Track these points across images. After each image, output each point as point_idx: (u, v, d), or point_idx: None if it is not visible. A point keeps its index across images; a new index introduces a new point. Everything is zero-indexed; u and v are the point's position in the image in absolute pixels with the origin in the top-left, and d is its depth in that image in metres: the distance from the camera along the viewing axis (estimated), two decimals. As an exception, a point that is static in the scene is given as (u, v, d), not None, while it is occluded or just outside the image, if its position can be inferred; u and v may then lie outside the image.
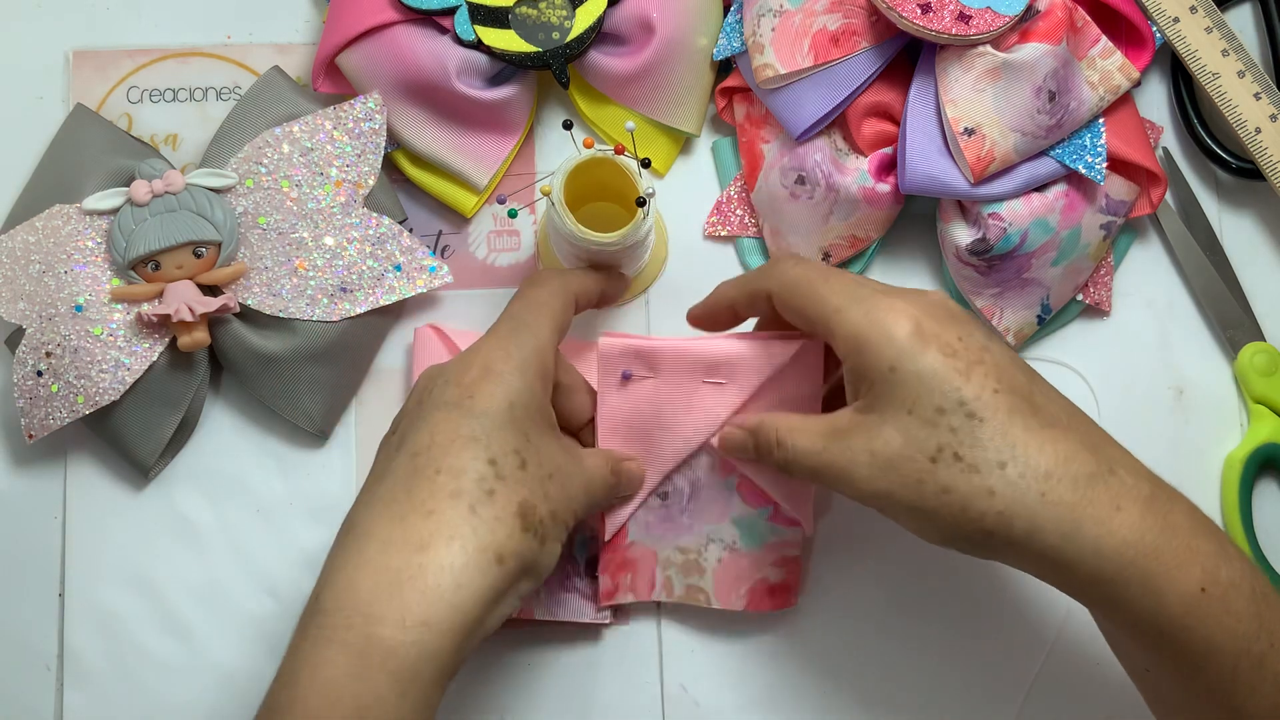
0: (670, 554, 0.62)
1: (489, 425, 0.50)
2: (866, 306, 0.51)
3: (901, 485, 0.49)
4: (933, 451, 0.49)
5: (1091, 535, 0.47)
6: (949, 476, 0.48)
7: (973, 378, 0.49)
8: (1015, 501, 0.48)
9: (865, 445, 0.50)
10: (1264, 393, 0.67)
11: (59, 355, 0.62)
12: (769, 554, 0.62)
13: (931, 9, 0.61)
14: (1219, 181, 0.70)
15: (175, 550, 0.65)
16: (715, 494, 0.62)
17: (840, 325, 0.51)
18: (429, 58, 0.64)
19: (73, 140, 0.65)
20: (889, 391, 0.50)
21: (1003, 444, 0.48)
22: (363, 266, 0.64)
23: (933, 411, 0.49)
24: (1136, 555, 0.47)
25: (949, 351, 0.49)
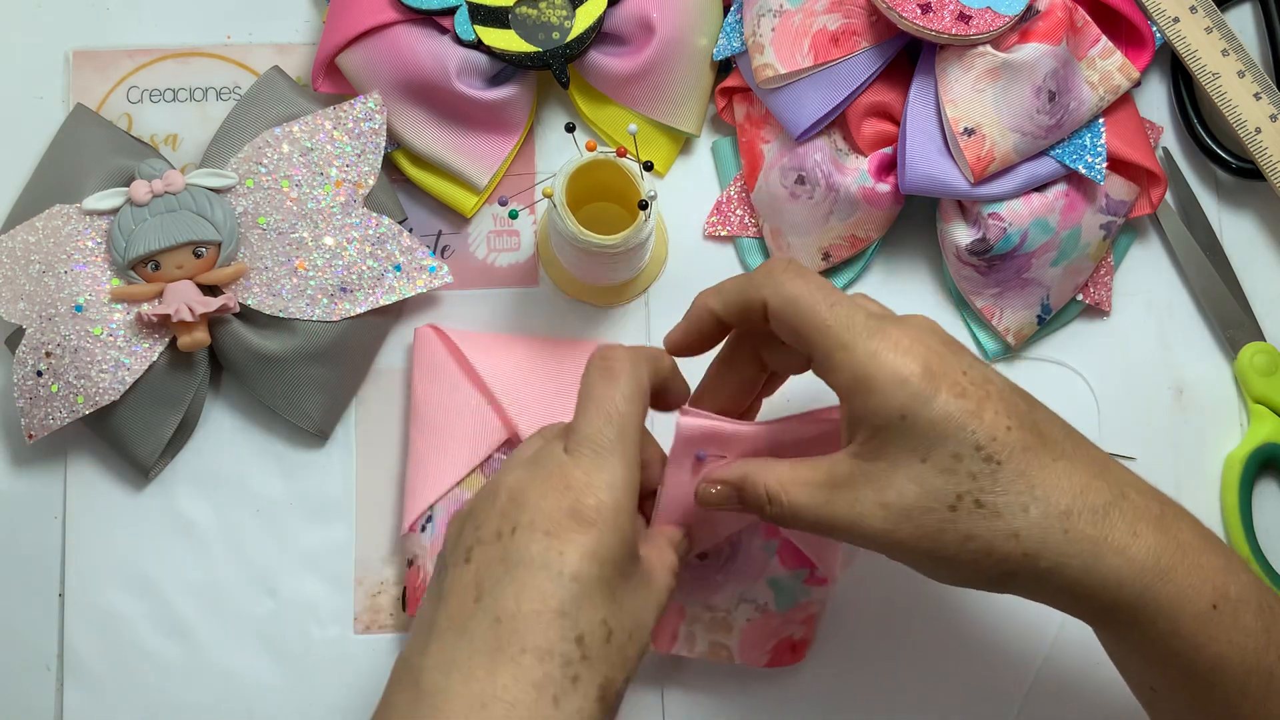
0: (697, 610, 0.61)
1: (579, 593, 0.46)
2: (872, 345, 0.47)
3: (921, 536, 0.47)
4: (952, 500, 0.47)
5: (1113, 565, 0.47)
6: (971, 524, 0.47)
7: (985, 417, 0.47)
8: (1040, 542, 0.47)
9: (876, 497, 0.48)
10: (1264, 393, 0.67)
11: (59, 355, 0.62)
12: (798, 613, 0.61)
13: (931, 9, 0.61)
14: (1219, 181, 0.70)
15: (175, 550, 0.65)
16: (754, 556, 0.60)
17: (844, 364, 0.48)
18: (429, 58, 0.64)
19: (73, 140, 0.65)
20: (899, 439, 0.47)
21: (1023, 486, 0.47)
22: (363, 266, 0.64)
23: (949, 459, 0.47)
24: (1153, 579, 0.47)
25: (958, 391, 0.47)
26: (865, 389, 0.47)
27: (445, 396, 0.64)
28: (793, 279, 0.50)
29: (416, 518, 0.63)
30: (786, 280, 0.50)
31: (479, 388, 0.64)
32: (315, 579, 0.65)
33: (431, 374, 0.65)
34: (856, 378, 0.47)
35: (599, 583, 0.46)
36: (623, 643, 0.47)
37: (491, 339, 0.66)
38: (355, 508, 0.66)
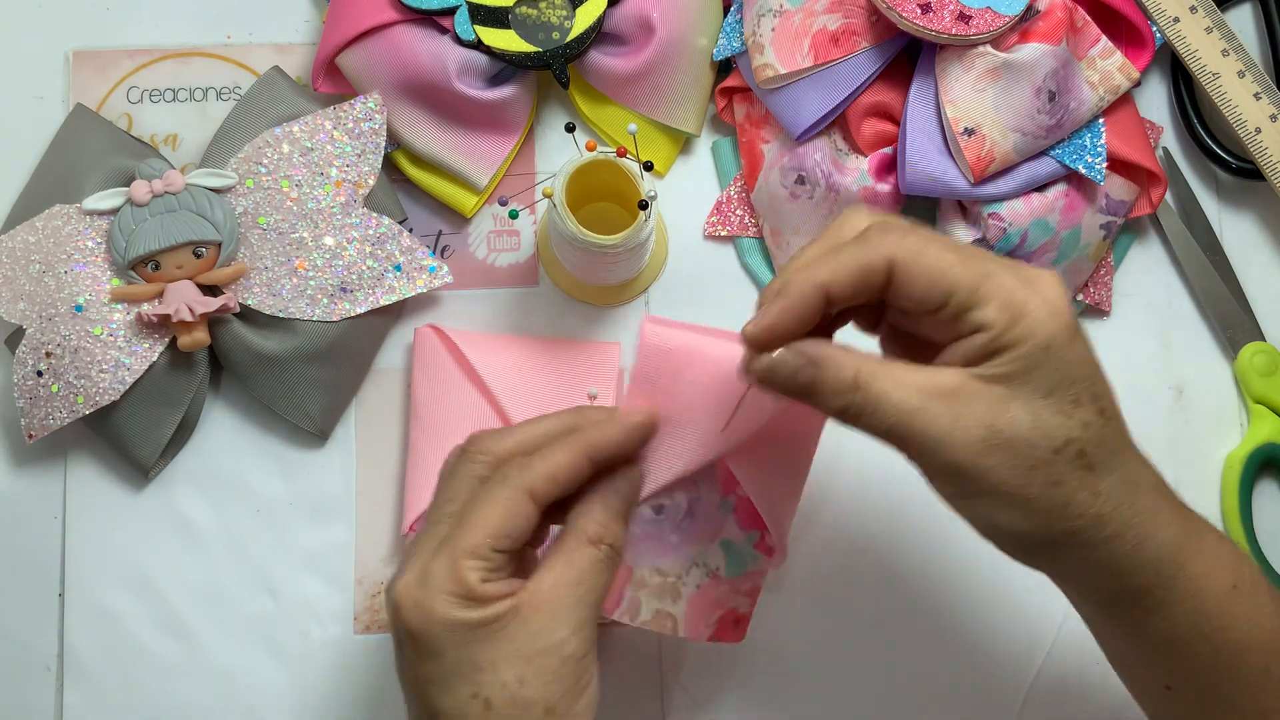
0: (646, 574, 0.58)
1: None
2: (1020, 275, 0.46)
3: (1010, 466, 0.45)
4: (1060, 442, 0.45)
5: (1157, 541, 0.47)
6: (1065, 471, 0.46)
7: (1100, 376, 0.47)
8: (1113, 505, 0.46)
9: (984, 418, 0.45)
10: (1264, 393, 0.67)
11: (59, 355, 0.62)
12: (744, 582, 0.59)
13: (931, 9, 0.61)
14: (1219, 181, 0.70)
15: (175, 550, 0.65)
16: (711, 513, 0.58)
17: (993, 291, 0.45)
18: (429, 58, 0.64)
19: (73, 140, 0.65)
20: (1031, 369, 0.45)
21: (1117, 446, 0.47)
22: (363, 266, 0.64)
23: (1069, 402, 0.45)
24: (1185, 558, 0.47)
25: (1088, 344, 0.47)
26: (1016, 315, 0.45)
27: (445, 396, 0.64)
28: (908, 232, 0.47)
29: (416, 518, 0.63)
30: (905, 235, 0.47)
31: (479, 388, 0.64)
32: (315, 579, 0.65)
33: (431, 374, 0.65)
34: (1006, 304, 0.45)
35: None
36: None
37: (491, 339, 0.66)
38: (355, 508, 0.66)
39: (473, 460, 0.52)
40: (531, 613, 0.49)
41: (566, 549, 0.50)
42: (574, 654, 0.49)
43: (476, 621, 0.48)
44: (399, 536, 0.65)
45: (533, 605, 0.49)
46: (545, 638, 0.48)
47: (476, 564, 0.49)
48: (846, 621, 0.65)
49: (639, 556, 0.58)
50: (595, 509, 0.52)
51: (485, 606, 0.48)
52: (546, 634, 0.48)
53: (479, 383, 0.64)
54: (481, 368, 0.64)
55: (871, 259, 0.46)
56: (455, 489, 0.51)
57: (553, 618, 0.49)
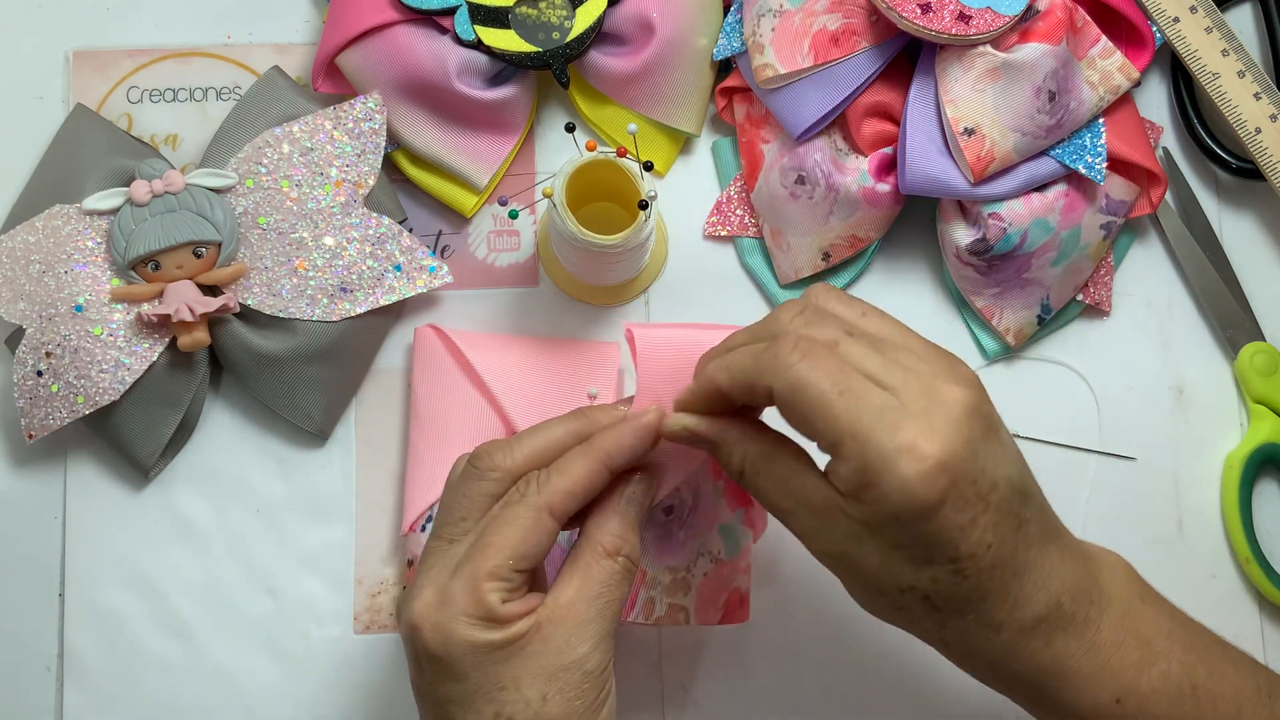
0: (658, 574, 0.59)
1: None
2: (885, 443, 0.45)
3: (860, 587, 0.49)
4: (905, 585, 0.47)
5: (1015, 667, 0.49)
6: (909, 604, 0.48)
7: (973, 535, 0.46)
8: (958, 638, 0.49)
9: (840, 542, 0.48)
10: (1264, 393, 0.67)
11: (59, 355, 0.62)
12: (742, 559, 0.60)
13: (931, 9, 0.61)
14: (1219, 181, 0.70)
15: (175, 550, 0.65)
16: (709, 501, 0.59)
17: (852, 455, 0.46)
18: (429, 58, 0.64)
19: (73, 140, 0.65)
20: (884, 525, 0.46)
21: (971, 598, 0.47)
22: (363, 266, 0.64)
23: (921, 558, 0.47)
24: (1053, 678, 0.49)
25: (960, 505, 0.46)
26: (869, 481, 0.45)
27: (445, 396, 0.64)
28: (800, 362, 0.47)
29: (416, 518, 0.63)
30: (795, 364, 0.47)
31: (479, 388, 0.64)
32: (315, 579, 0.65)
33: (431, 374, 0.65)
34: (862, 470, 0.46)
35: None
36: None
37: (491, 339, 0.66)
38: (355, 508, 0.66)
39: (483, 478, 0.51)
40: (553, 630, 0.49)
41: (584, 562, 0.50)
42: (595, 669, 0.49)
43: (499, 642, 0.48)
44: (399, 536, 0.65)
45: (553, 622, 0.49)
46: (568, 654, 0.49)
47: (497, 585, 0.49)
48: (846, 621, 0.65)
49: (653, 561, 0.58)
50: (611, 520, 0.52)
51: (507, 627, 0.49)
52: (569, 650, 0.49)
53: (479, 383, 0.64)
54: (481, 368, 0.64)
55: (754, 383, 0.48)
56: (466, 507, 0.51)
57: (574, 633, 0.49)
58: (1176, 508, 0.67)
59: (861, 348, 0.48)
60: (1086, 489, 0.66)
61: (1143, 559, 0.53)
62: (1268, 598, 0.65)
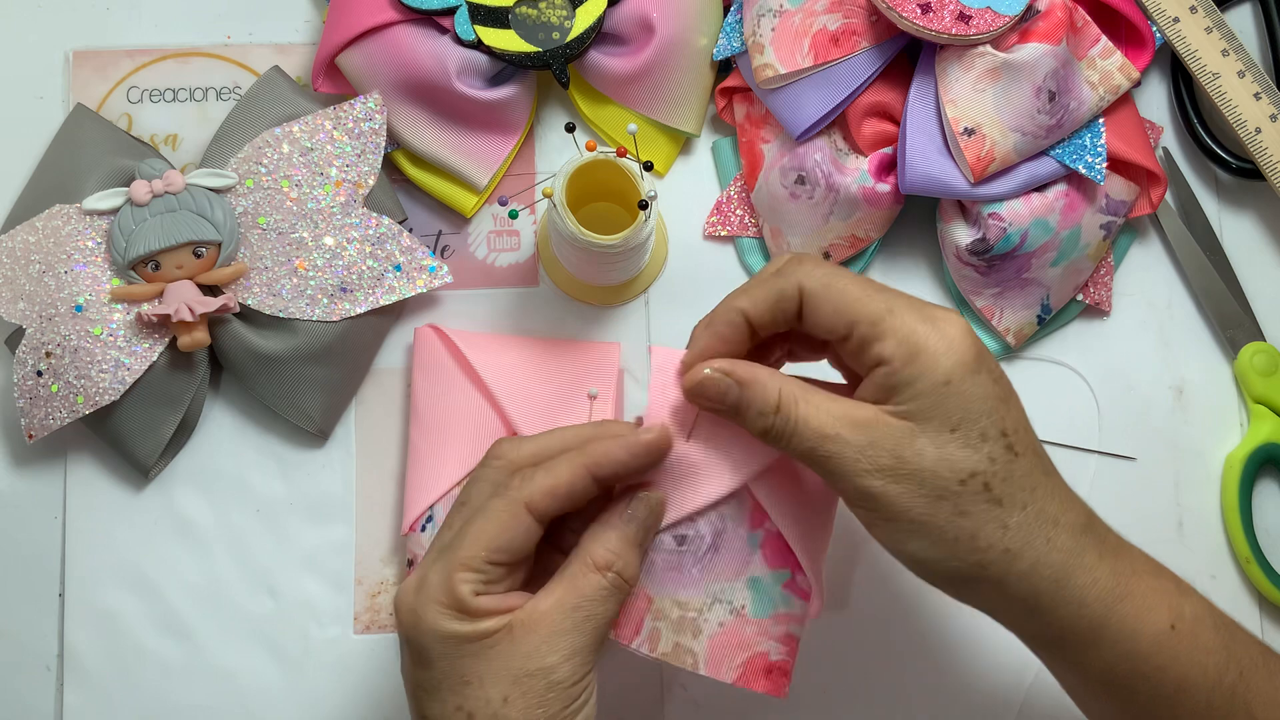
0: (665, 605, 0.54)
1: None
2: (922, 312, 0.48)
3: (917, 496, 0.47)
4: (965, 475, 0.47)
5: (1079, 583, 0.48)
6: (971, 503, 0.47)
7: (1012, 409, 0.48)
8: (1023, 541, 0.47)
9: (892, 449, 0.47)
10: (1264, 393, 0.67)
11: (59, 355, 0.62)
12: (775, 625, 0.55)
13: (931, 9, 0.61)
14: (1219, 181, 0.70)
15: (175, 550, 0.65)
16: (738, 548, 0.54)
17: (894, 326, 0.47)
18: (429, 58, 0.64)
19: (73, 140, 0.65)
20: (935, 405, 0.47)
21: (1027, 483, 0.47)
22: (363, 266, 0.64)
23: (977, 436, 0.47)
24: (1114, 600, 0.48)
25: (996, 377, 0.48)
26: (914, 351, 0.47)
27: (445, 396, 0.64)
28: (820, 265, 0.49)
29: (416, 518, 0.63)
30: (813, 268, 0.49)
31: (479, 388, 0.64)
32: (315, 579, 0.65)
33: (431, 374, 0.65)
34: (905, 340, 0.47)
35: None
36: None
37: (491, 339, 0.66)
38: (355, 508, 0.66)
39: (487, 465, 0.52)
40: (524, 634, 0.48)
41: (571, 573, 0.50)
42: (563, 680, 0.48)
43: (466, 635, 0.48)
44: (399, 536, 0.65)
45: (526, 626, 0.48)
46: (535, 660, 0.48)
47: (470, 576, 0.48)
48: (845, 626, 0.65)
49: (659, 586, 0.54)
50: (608, 534, 0.51)
51: (477, 621, 0.48)
52: (537, 657, 0.48)
53: (479, 383, 0.64)
54: (481, 368, 0.64)
55: (784, 286, 0.49)
56: (470, 493, 0.51)
57: (545, 641, 0.48)
58: (1176, 508, 0.67)
59: (848, 279, 0.49)
60: (1086, 489, 0.66)
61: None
62: (1268, 598, 0.65)
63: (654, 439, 0.51)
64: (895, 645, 0.65)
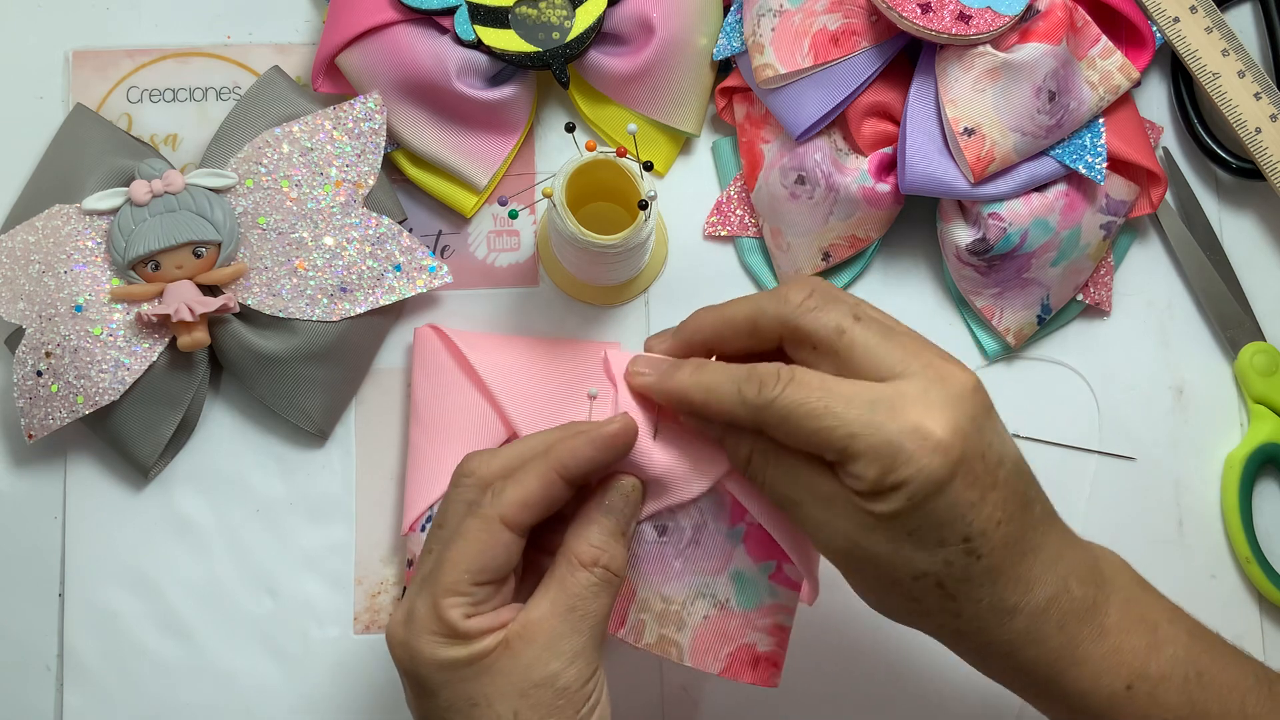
0: (650, 597, 0.55)
1: None
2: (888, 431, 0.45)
3: (871, 578, 0.49)
4: (918, 573, 0.47)
5: (1028, 656, 0.49)
6: (922, 593, 0.47)
7: (984, 510, 0.46)
8: (972, 630, 0.48)
9: (849, 533, 0.47)
10: (1264, 393, 0.67)
11: (59, 355, 0.62)
12: (762, 617, 0.55)
13: (931, 9, 0.61)
14: (1219, 181, 0.70)
15: (175, 550, 0.65)
16: (719, 543, 0.55)
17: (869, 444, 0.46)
18: (429, 58, 0.64)
19: (73, 140, 0.65)
20: (897, 515, 0.46)
21: (984, 580, 0.47)
22: (363, 266, 0.64)
23: (935, 542, 0.46)
24: (1066, 666, 0.48)
25: (970, 479, 0.46)
26: (888, 466, 0.45)
27: (445, 396, 0.64)
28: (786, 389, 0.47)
29: (416, 518, 0.63)
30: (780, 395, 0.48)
31: (479, 388, 0.64)
32: (315, 579, 0.65)
33: (431, 374, 0.65)
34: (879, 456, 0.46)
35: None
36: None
37: (491, 339, 0.66)
38: (355, 508, 0.66)
39: (458, 484, 0.51)
40: (522, 646, 0.48)
41: (559, 575, 0.50)
42: (571, 684, 0.48)
43: (465, 659, 0.48)
44: (399, 536, 0.65)
45: (523, 638, 0.48)
46: (538, 670, 0.48)
47: (458, 600, 0.48)
48: (846, 622, 0.65)
49: (643, 578, 0.55)
50: (589, 529, 0.51)
51: (472, 643, 0.48)
52: (539, 666, 0.48)
53: (479, 383, 0.64)
54: (481, 368, 0.64)
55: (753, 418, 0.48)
56: (446, 515, 0.51)
57: (546, 649, 0.48)
58: (1176, 508, 0.67)
59: (868, 332, 0.48)
60: (1086, 489, 0.66)
61: (1143, 559, 0.53)
62: (1268, 598, 0.65)
63: (618, 429, 0.51)
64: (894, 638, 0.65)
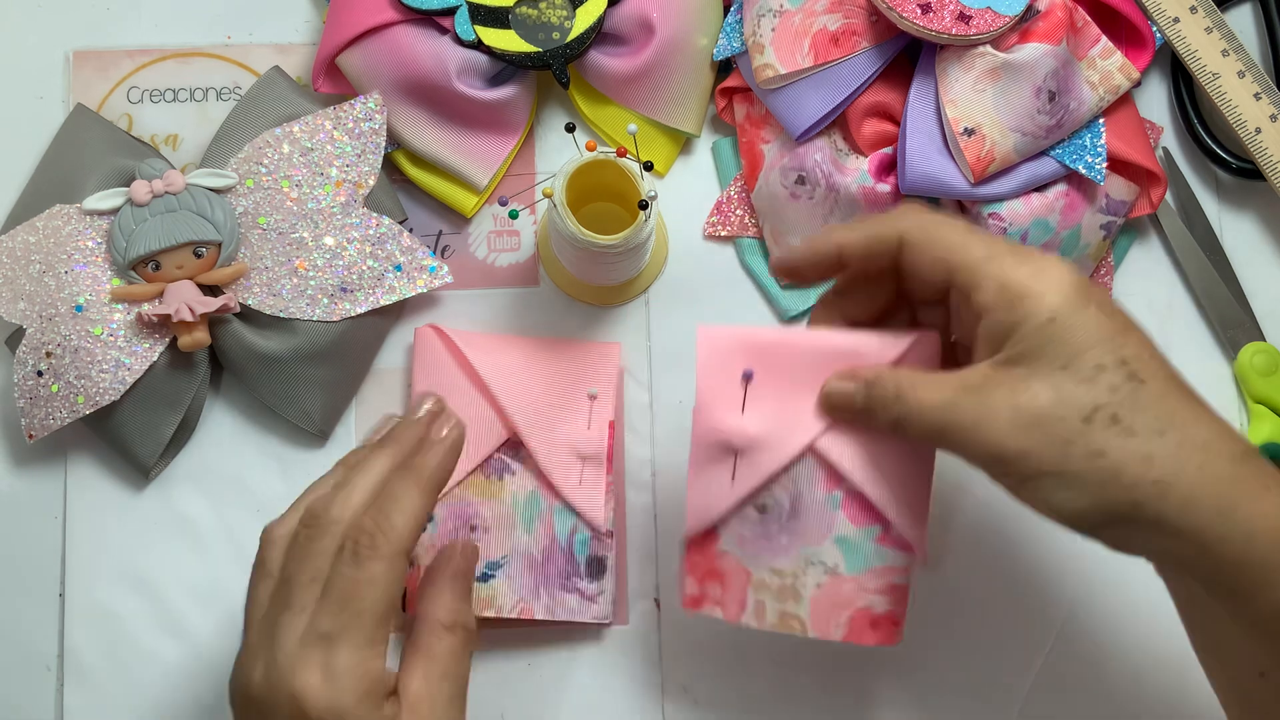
0: (765, 576, 0.55)
1: None
2: (1021, 256, 0.47)
3: (1046, 444, 0.45)
4: (1088, 410, 0.45)
5: (1245, 514, 0.44)
6: (1103, 439, 0.44)
7: (1132, 337, 0.46)
8: (1173, 471, 0.44)
9: (1007, 400, 0.46)
10: (1264, 393, 0.67)
11: (59, 355, 0.62)
12: (874, 579, 0.55)
13: (931, 9, 0.61)
14: (1219, 181, 0.70)
15: (175, 550, 0.65)
16: (817, 511, 0.55)
17: (993, 272, 0.47)
18: (429, 58, 0.64)
19: (73, 140, 0.65)
20: (1043, 345, 0.45)
21: (1162, 409, 0.45)
22: (363, 266, 0.64)
23: (1091, 368, 0.45)
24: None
25: (1108, 311, 0.46)
26: (1014, 295, 0.46)
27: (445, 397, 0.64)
28: (922, 214, 0.50)
29: (416, 518, 0.63)
30: (920, 213, 0.50)
31: (479, 388, 0.64)
32: (315, 579, 0.65)
33: (432, 374, 0.65)
34: (1005, 284, 0.46)
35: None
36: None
37: (491, 339, 0.66)
38: (355, 508, 0.66)
39: (325, 534, 0.49)
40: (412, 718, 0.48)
41: (423, 644, 0.50)
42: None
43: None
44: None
45: (413, 710, 0.48)
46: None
47: (382, 650, 0.48)
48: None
49: (755, 559, 0.55)
50: (443, 595, 0.52)
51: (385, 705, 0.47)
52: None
53: (479, 383, 0.64)
54: (481, 368, 0.64)
55: (884, 231, 0.50)
56: (315, 567, 0.49)
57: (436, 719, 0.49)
58: (1176, 508, 0.67)
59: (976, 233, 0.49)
60: (1086, 489, 0.66)
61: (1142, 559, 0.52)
62: (1268, 598, 0.65)
63: (435, 407, 0.53)
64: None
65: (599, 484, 0.64)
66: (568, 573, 0.63)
